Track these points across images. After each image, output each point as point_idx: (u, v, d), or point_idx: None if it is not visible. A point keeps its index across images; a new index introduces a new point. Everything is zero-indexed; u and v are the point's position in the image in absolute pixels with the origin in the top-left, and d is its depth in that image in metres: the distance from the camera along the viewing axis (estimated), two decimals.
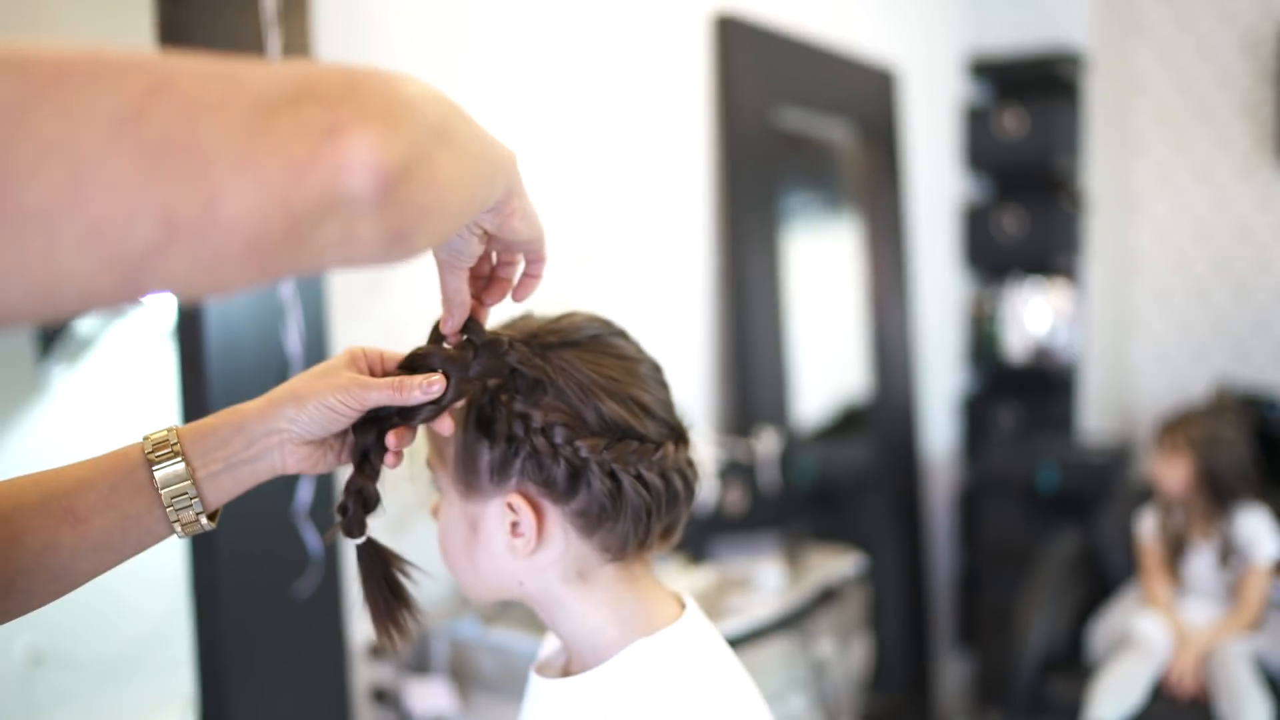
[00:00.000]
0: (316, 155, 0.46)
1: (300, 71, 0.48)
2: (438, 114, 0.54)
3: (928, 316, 3.67)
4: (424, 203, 0.52)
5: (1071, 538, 3.13)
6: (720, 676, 0.86)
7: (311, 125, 0.46)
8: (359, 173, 0.47)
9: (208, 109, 0.44)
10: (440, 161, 0.53)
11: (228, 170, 0.44)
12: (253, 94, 0.45)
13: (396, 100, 0.50)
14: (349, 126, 0.47)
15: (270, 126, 0.45)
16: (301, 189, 0.46)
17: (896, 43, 3.44)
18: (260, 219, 0.45)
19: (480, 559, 0.87)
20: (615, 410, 0.82)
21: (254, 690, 1.64)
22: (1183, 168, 4.25)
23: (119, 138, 0.42)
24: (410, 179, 0.50)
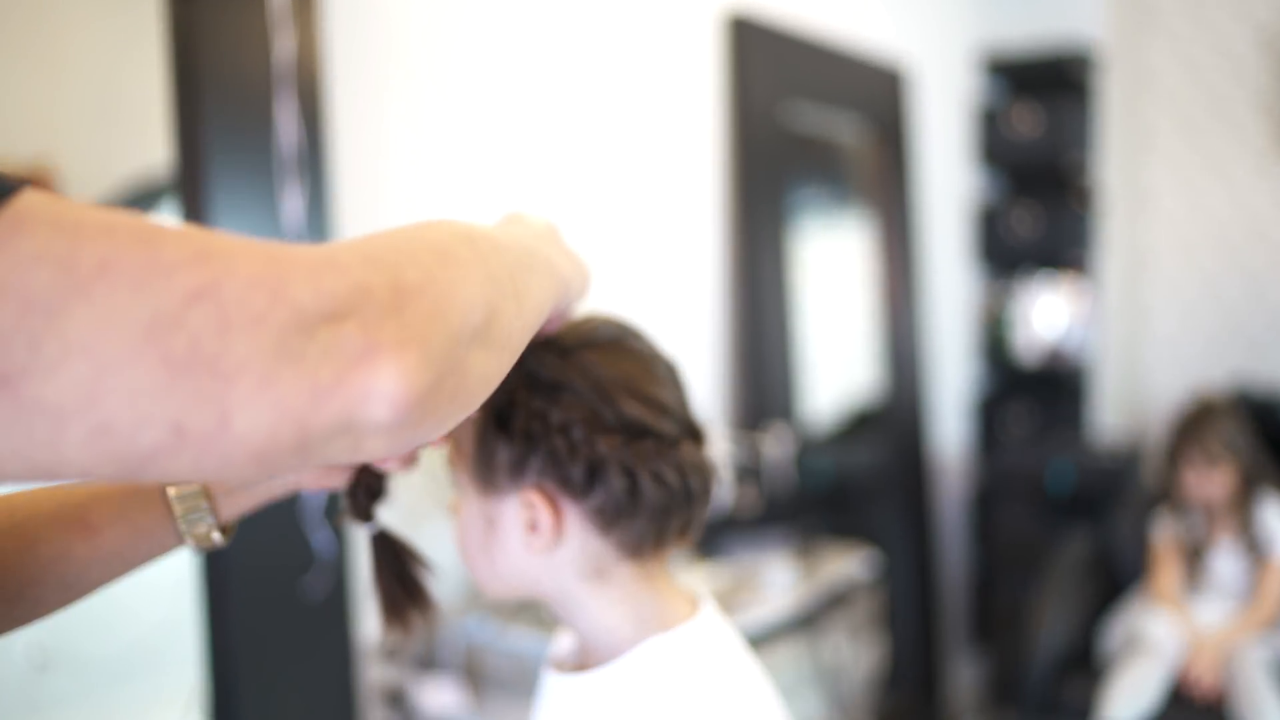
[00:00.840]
0: (340, 382, 0.46)
1: (357, 272, 0.48)
2: (483, 311, 0.54)
3: (939, 315, 3.66)
4: (448, 410, 0.52)
5: (1084, 538, 3.11)
6: (735, 674, 0.85)
7: (343, 348, 0.46)
8: (379, 403, 0.47)
9: (243, 325, 0.43)
10: (474, 363, 0.53)
11: (247, 390, 0.43)
12: (294, 308, 0.45)
13: (440, 316, 0.50)
14: (382, 353, 0.47)
15: (300, 350, 0.44)
16: (318, 414, 0.45)
17: (908, 41, 3.43)
18: (271, 436, 0.45)
19: (497, 556, 0.87)
20: (633, 408, 0.82)
21: (263, 690, 1.64)
22: (1197, 164, 4.22)
23: (147, 346, 0.41)
24: (435, 399, 0.50)
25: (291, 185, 1.63)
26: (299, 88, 1.64)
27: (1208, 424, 2.81)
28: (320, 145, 1.67)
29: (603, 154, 2.30)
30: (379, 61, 1.87)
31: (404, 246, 0.53)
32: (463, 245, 0.56)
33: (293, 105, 1.63)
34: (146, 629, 1.88)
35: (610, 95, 2.31)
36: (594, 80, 2.27)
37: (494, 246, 0.61)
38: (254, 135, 1.60)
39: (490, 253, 0.59)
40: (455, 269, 0.53)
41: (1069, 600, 2.92)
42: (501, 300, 0.57)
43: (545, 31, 2.15)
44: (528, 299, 0.62)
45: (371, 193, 1.87)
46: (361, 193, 1.84)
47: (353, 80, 1.81)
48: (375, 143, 1.88)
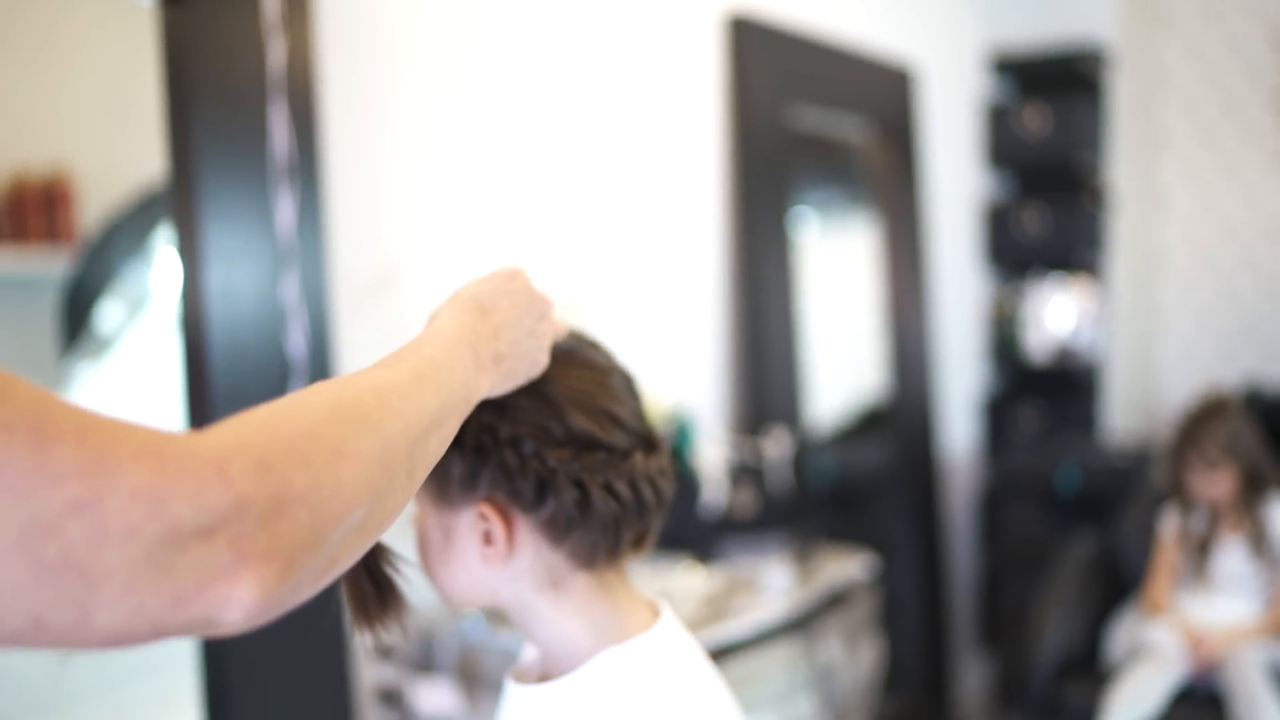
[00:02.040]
0: (201, 592, 0.48)
1: (236, 494, 0.49)
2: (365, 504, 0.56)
3: (947, 316, 3.65)
4: (301, 597, 0.53)
5: (1090, 540, 3.09)
6: (692, 685, 0.86)
7: (211, 563, 0.48)
8: (234, 609, 0.49)
9: (118, 537, 0.45)
10: (345, 550, 0.56)
11: (110, 595, 0.45)
12: (171, 524, 0.46)
13: (321, 523, 0.52)
14: (246, 567, 0.49)
15: (168, 561, 0.46)
16: (176, 617, 0.48)
17: (914, 40, 3.42)
18: (125, 632, 0.47)
19: (455, 568, 0.87)
20: (582, 422, 0.83)
21: (256, 691, 1.65)
22: (1211, 164, 4.19)
23: (21, 550, 0.43)
24: (289, 597, 0.51)
25: (284, 192, 1.65)
26: (291, 94, 1.65)
27: (1206, 426, 2.79)
28: (313, 151, 1.69)
29: (602, 156, 2.30)
30: (373, 67, 1.88)
31: (305, 437, 0.54)
32: (363, 432, 0.58)
33: (285, 112, 1.64)
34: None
35: (609, 96, 2.32)
36: (592, 81, 2.28)
37: (406, 405, 0.63)
38: (246, 142, 1.61)
39: (396, 422, 0.61)
40: (347, 468, 0.55)
41: (1074, 602, 2.91)
42: (389, 486, 0.59)
43: (542, 33, 2.16)
44: (424, 459, 0.65)
45: (364, 198, 1.88)
46: (354, 198, 1.86)
47: (346, 86, 1.82)
48: (368, 149, 1.89)
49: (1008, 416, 3.88)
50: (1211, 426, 2.78)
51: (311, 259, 1.70)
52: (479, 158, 2.06)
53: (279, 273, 1.66)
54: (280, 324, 1.67)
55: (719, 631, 1.90)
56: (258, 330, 1.64)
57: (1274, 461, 2.80)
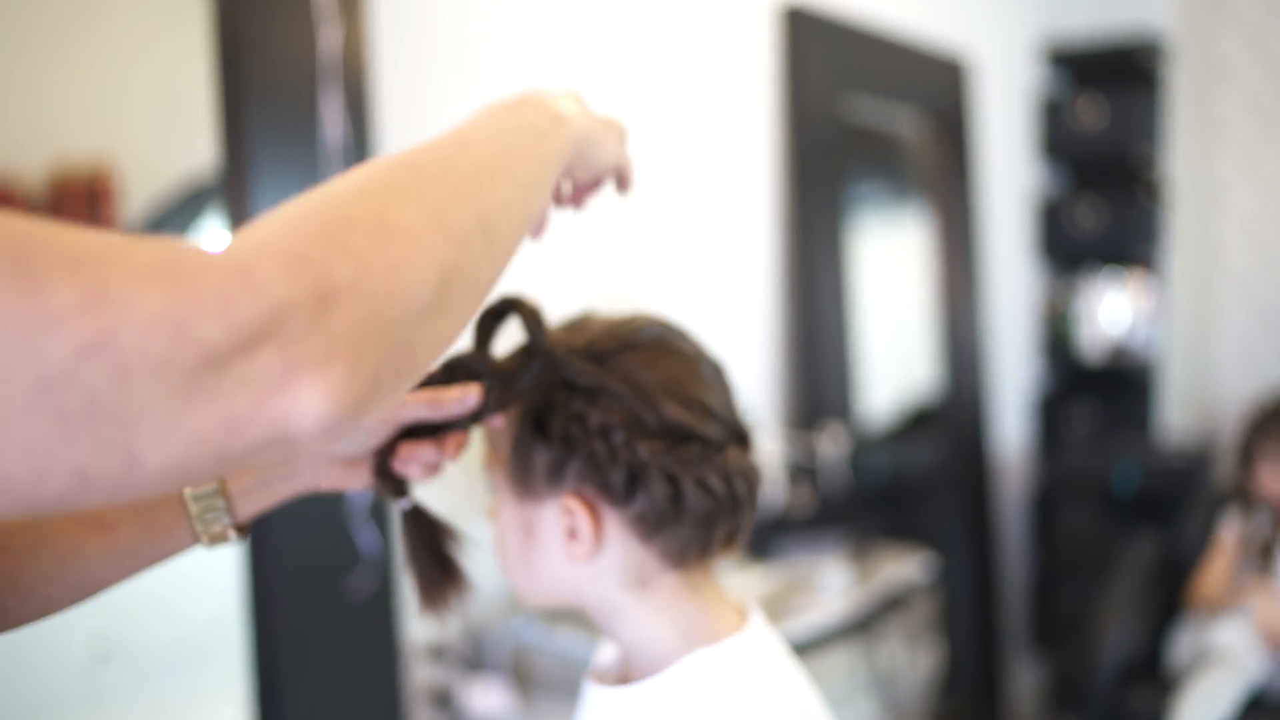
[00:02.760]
0: (258, 410, 0.42)
1: (271, 301, 0.43)
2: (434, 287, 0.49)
3: (1000, 312, 3.57)
4: (389, 393, 0.48)
5: (1151, 542, 3.01)
6: (783, 691, 0.81)
7: (261, 375, 0.42)
8: (304, 420, 0.43)
9: (143, 372, 0.40)
10: (422, 339, 0.49)
11: (154, 433, 0.40)
12: (201, 348, 0.41)
13: (380, 312, 0.46)
14: (304, 373, 0.43)
15: (211, 386, 0.41)
16: (236, 441, 0.42)
17: (968, 31, 3.35)
18: (186, 466, 0.42)
19: (536, 564, 0.84)
20: (676, 412, 0.79)
21: (308, 691, 1.63)
22: (1271, 157, 4.08)
23: (40, 402, 0.38)
24: (366, 398, 0.46)
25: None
26: (344, 82, 1.62)
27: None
28: (366, 139, 1.65)
29: (656, 148, 2.26)
30: (425, 54, 1.85)
31: (338, 222, 0.47)
32: (409, 200, 0.51)
33: (338, 99, 1.61)
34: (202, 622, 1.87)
35: (665, 87, 2.27)
36: (649, 72, 2.23)
37: (449, 168, 0.55)
38: (299, 130, 1.58)
39: (445, 184, 0.54)
40: (397, 245, 0.48)
41: (1135, 606, 2.83)
42: (461, 252, 0.52)
43: (596, 23, 2.12)
44: (500, 211, 0.57)
45: None
46: None
47: (399, 73, 1.79)
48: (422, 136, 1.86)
49: (1061, 415, 3.80)
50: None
51: None
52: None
53: None
54: None
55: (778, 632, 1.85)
56: None
57: None
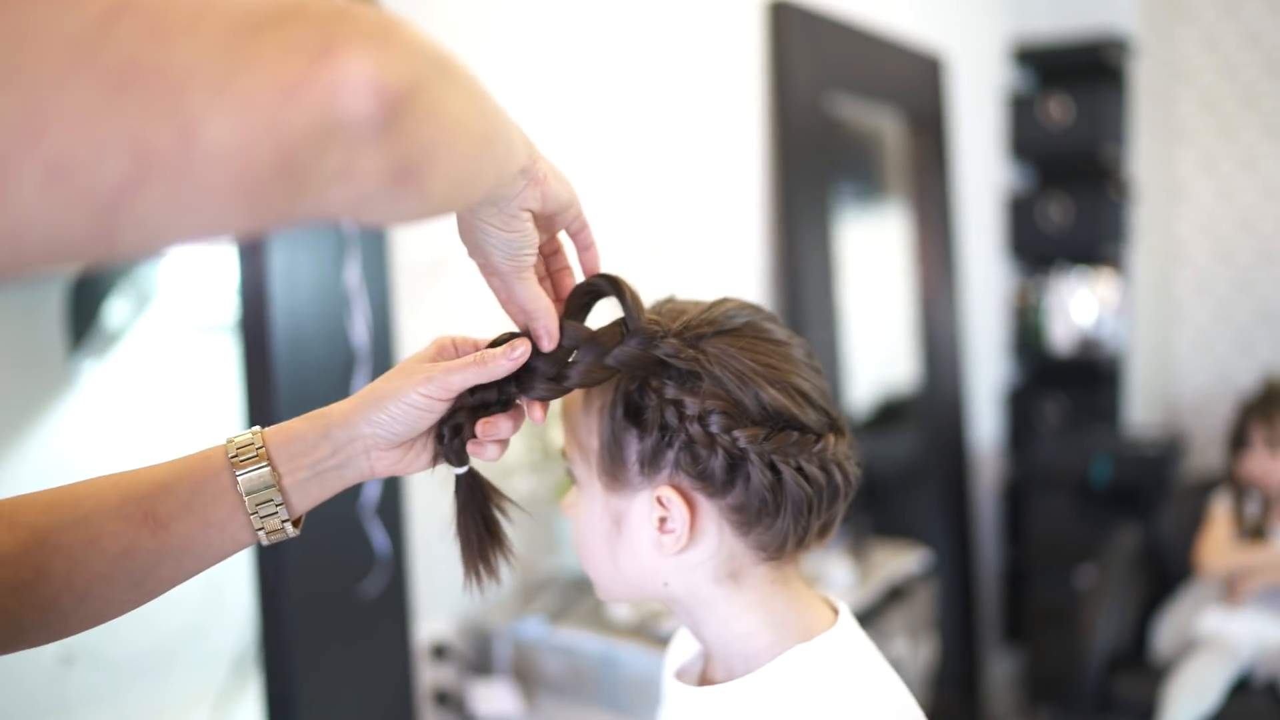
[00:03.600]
0: (309, 74, 0.41)
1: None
2: (436, 50, 0.49)
3: (973, 307, 3.61)
4: (431, 137, 0.47)
5: (1133, 533, 3.06)
6: (883, 685, 0.80)
7: (301, 44, 0.41)
8: (358, 92, 0.42)
9: (177, 30, 0.39)
10: (444, 95, 0.49)
11: (205, 94, 0.39)
12: (229, 14, 0.40)
13: (392, 25, 0.46)
14: (343, 44, 0.42)
15: (252, 47, 0.40)
16: (293, 112, 0.41)
17: (942, 29, 3.38)
18: (247, 148, 0.40)
19: (623, 557, 0.81)
20: (776, 398, 0.76)
21: (320, 689, 1.59)
22: (1228, 156, 4.17)
23: (78, 62, 0.37)
24: (413, 106, 0.45)
25: None
26: None
27: (1277, 406, 2.77)
28: None
29: (646, 141, 2.25)
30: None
31: None
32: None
33: None
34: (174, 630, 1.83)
35: (652, 82, 2.26)
36: (636, 67, 2.22)
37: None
38: None
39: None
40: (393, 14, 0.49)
41: (1120, 596, 2.87)
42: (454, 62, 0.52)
43: (585, 18, 2.10)
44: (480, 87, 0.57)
45: None
46: None
47: None
48: None
49: (1031, 408, 3.84)
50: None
51: (373, 243, 1.64)
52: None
53: (341, 258, 1.59)
54: (343, 310, 1.60)
55: None
56: (320, 318, 1.58)
57: None
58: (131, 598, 0.70)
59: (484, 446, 0.76)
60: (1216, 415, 4.11)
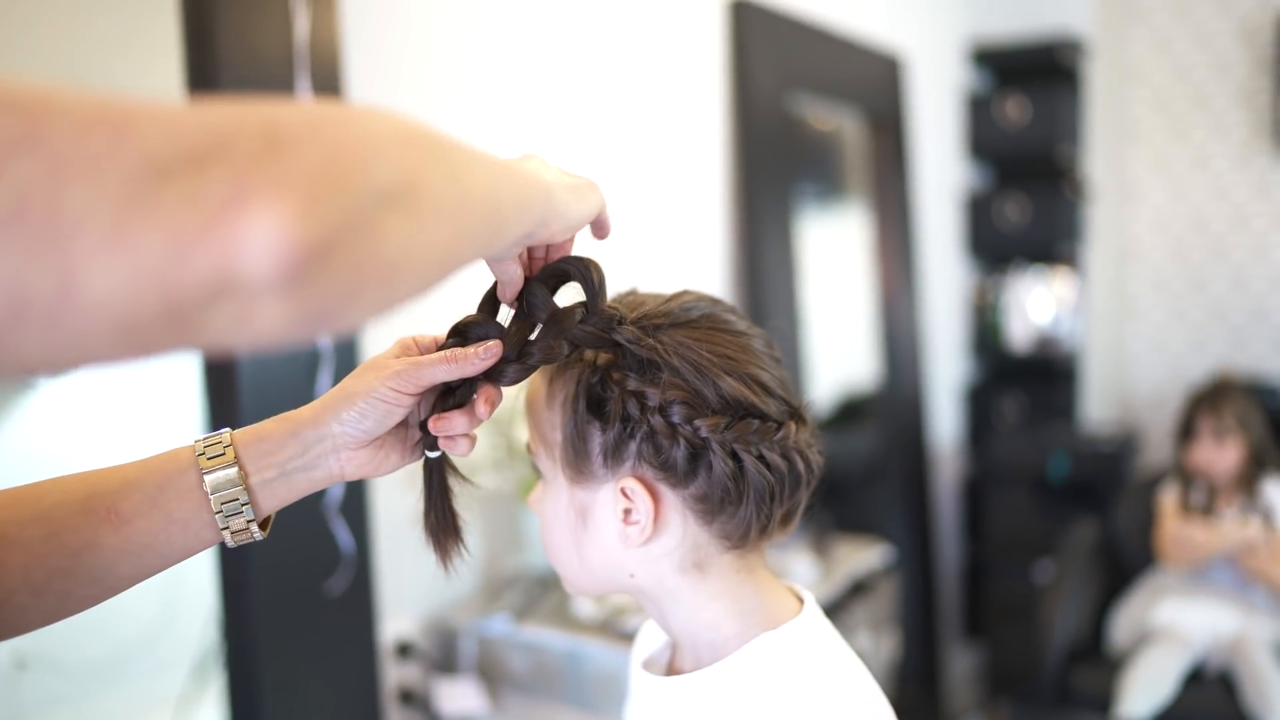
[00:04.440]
0: (208, 230, 0.39)
1: (218, 120, 0.40)
2: (397, 170, 0.46)
3: (932, 306, 3.65)
4: (358, 277, 0.44)
5: (1089, 526, 3.11)
6: (848, 673, 0.81)
7: (208, 194, 0.39)
8: (259, 252, 0.40)
9: (78, 171, 0.37)
10: (391, 228, 0.45)
11: (92, 242, 0.37)
12: (143, 152, 0.38)
13: (331, 163, 0.43)
14: (255, 196, 0.40)
15: (154, 195, 0.38)
16: (185, 268, 0.39)
17: (901, 29, 3.41)
18: (130, 301, 0.38)
19: (588, 549, 0.82)
20: (734, 387, 0.77)
21: (284, 688, 1.58)
22: (1180, 156, 4.24)
23: None
24: (334, 257, 0.42)
25: None
26: (315, 72, 1.58)
27: (1224, 397, 2.84)
28: None
29: (607, 139, 2.26)
30: (393, 45, 1.81)
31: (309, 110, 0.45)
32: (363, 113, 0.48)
33: (308, 90, 1.57)
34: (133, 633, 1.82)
35: (614, 78, 2.27)
36: (599, 65, 2.23)
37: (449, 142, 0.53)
38: None
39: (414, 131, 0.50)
40: (350, 126, 0.45)
41: (1077, 589, 2.91)
42: (427, 166, 0.49)
43: (554, 16, 2.11)
44: (469, 181, 0.53)
45: None
46: None
47: (368, 66, 1.76)
48: None
49: (989, 405, 3.89)
50: (1230, 398, 2.83)
51: None
52: (493, 139, 2.00)
53: None
54: None
55: None
56: None
57: (1273, 444, 2.85)
58: (91, 594, 0.70)
59: (455, 445, 0.76)
60: (1170, 411, 4.18)
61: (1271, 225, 4.09)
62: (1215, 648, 2.67)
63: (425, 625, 1.89)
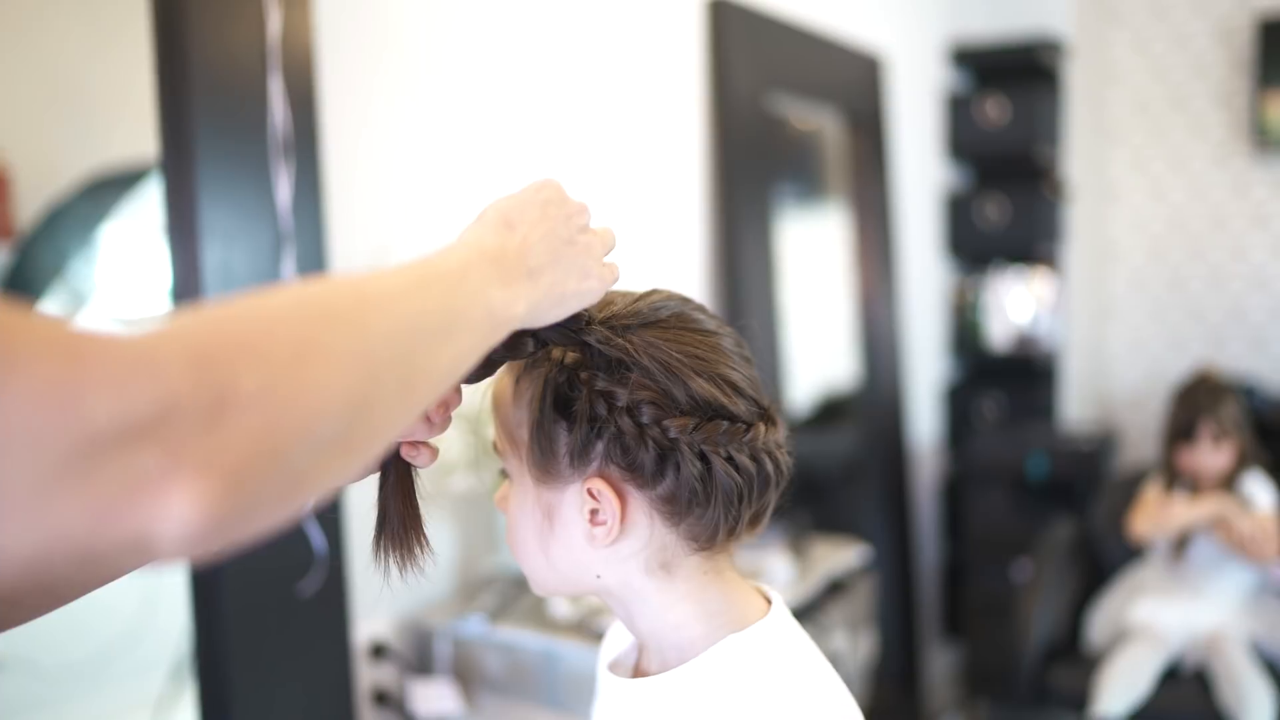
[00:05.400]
0: (127, 506, 0.40)
1: (167, 388, 0.41)
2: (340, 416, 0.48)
3: (912, 305, 3.65)
4: (261, 520, 0.46)
5: (1068, 525, 3.11)
6: (815, 675, 0.80)
7: (138, 472, 0.40)
8: (172, 525, 0.41)
9: (20, 443, 0.38)
10: (318, 470, 0.47)
11: (16, 510, 0.38)
12: (86, 428, 0.39)
13: (273, 431, 0.44)
14: (181, 477, 0.41)
15: (86, 472, 0.39)
16: (100, 535, 0.40)
17: (881, 29, 3.41)
18: (44, 554, 0.40)
19: (555, 550, 0.81)
20: (704, 388, 0.77)
21: (257, 690, 1.57)
22: (1159, 157, 4.26)
23: None
24: (238, 519, 0.44)
25: (282, 170, 1.56)
26: (288, 70, 1.57)
27: (1220, 399, 2.81)
28: (311, 129, 1.61)
29: (588, 137, 2.25)
30: (368, 42, 1.80)
31: (262, 331, 0.46)
32: (338, 329, 0.49)
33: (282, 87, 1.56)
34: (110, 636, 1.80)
35: (592, 76, 2.26)
36: (578, 64, 2.22)
37: (382, 317, 0.53)
38: (244, 118, 1.53)
39: (375, 331, 0.52)
40: (312, 368, 0.46)
41: (1055, 588, 2.92)
42: (374, 395, 0.50)
43: (531, 14, 2.10)
44: (425, 374, 0.55)
45: (359, 178, 1.80)
46: (349, 177, 1.78)
47: (341, 64, 1.74)
48: (364, 124, 1.81)
49: (969, 405, 3.89)
50: (1226, 398, 2.81)
51: (309, 239, 1.62)
52: (469, 139, 1.99)
53: (278, 253, 1.58)
54: None
55: None
56: None
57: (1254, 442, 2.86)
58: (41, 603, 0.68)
59: (417, 453, 0.76)
60: (1149, 411, 4.19)
61: (1248, 225, 4.11)
62: (1191, 646, 2.68)
63: (400, 626, 1.88)
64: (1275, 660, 2.66)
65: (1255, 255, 4.11)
